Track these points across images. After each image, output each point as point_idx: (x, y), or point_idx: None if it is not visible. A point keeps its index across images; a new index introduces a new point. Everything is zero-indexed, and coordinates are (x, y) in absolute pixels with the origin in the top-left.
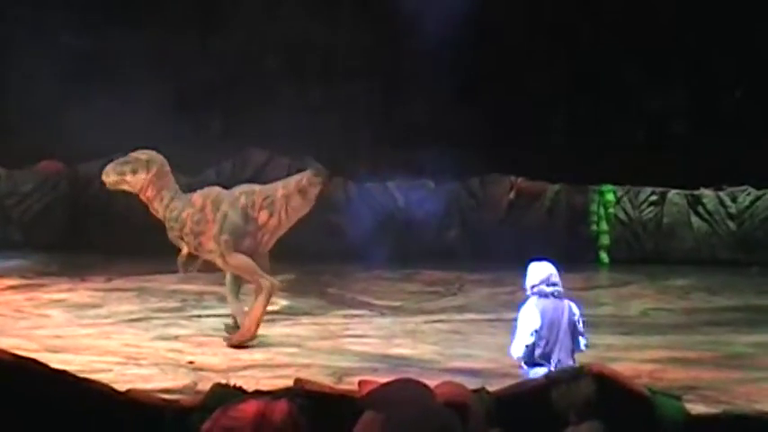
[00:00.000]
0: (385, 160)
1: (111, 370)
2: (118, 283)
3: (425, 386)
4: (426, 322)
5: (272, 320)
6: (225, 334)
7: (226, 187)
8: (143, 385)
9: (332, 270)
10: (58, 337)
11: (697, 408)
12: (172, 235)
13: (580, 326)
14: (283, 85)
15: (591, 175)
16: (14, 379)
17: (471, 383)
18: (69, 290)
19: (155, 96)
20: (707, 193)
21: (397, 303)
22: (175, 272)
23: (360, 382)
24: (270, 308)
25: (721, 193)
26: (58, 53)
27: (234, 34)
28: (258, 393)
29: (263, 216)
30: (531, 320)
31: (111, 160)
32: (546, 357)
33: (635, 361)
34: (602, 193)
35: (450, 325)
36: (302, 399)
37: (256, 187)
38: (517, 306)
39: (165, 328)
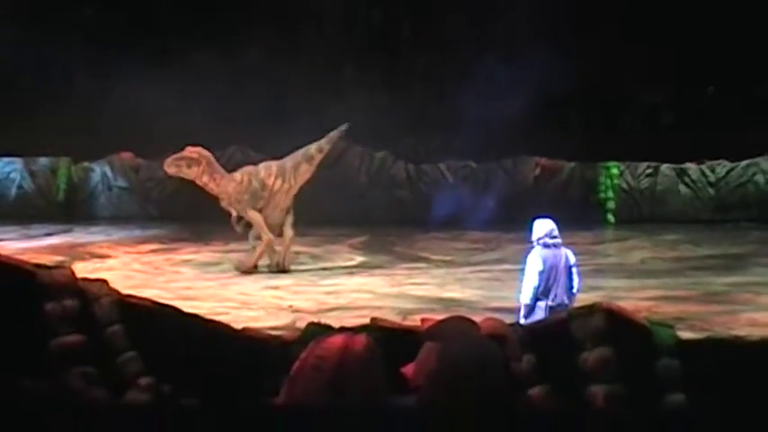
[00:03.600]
0: (437, 145)
1: (229, 313)
2: (232, 245)
3: (472, 321)
4: (472, 272)
5: (351, 273)
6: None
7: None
8: (254, 324)
9: (397, 233)
10: (188, 288)
11: (686, 334)
12: (223, 204)
13: (575, 269)
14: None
15: (599, 154)
16: (156, 321)
17: (508, 319)
18: (196, 252)
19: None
20: (691, 166)
21: (449, 258)
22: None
23: (421, 319)
24: (348, 263)
25: (702, 166)
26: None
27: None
28: (342, 329)
29: (277, 183)
30: (536, 265)
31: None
32: (546, 294)
33: (636, 299)
34: (608, 168)
35: (490, 274)
36: (377, 333)
37: (273, 163)
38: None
39: (270, 280)
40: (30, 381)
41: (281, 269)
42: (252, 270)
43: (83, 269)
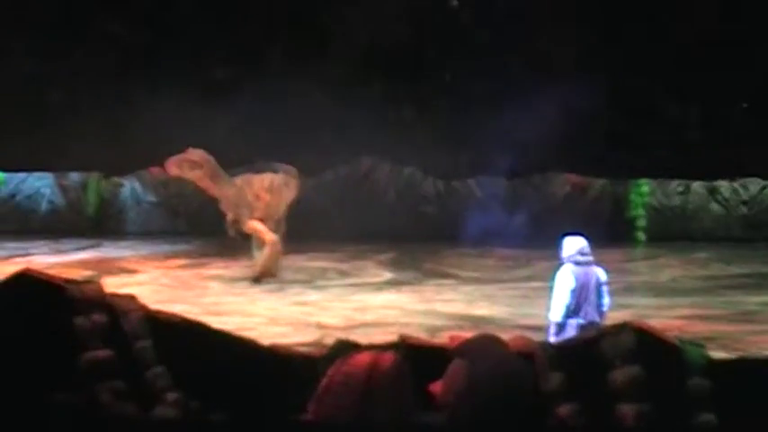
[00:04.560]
0: (465, 161)
1: (256, 329)
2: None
3: (501, 339)
4: (500, 289)
5: (379, 289)
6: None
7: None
8: (281, 340)
9: (425, 249)
10: (216, 303)
11: (717, 354)
12: (221, 207)
13: (605, 288)
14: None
15: (629, 172)
16: (185, 336)
17: (537, 337)
18: (224, 267)
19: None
20: (723, 184)
21: (477, 274)
22: (304, 252)
23: (449, 337)
24: (376, 279)
25: (735, 184)
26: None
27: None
28: (370, 346)
29: (267, 197)
30: (568, 283)
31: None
32: (576, 312)
33: (666, 318)
34: (638, 186)
35: (519, 291)
36: (405, 350)
37: (267, 176)
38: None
39: (297, 296)
40: (60, 395)
41: (267, 275)
42: (273, 274)
43: (112, 284)
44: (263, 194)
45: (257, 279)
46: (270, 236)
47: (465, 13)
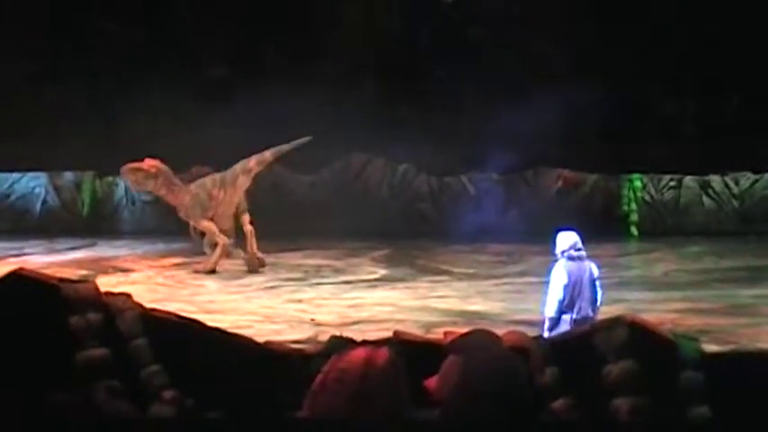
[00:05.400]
0: (458, 158)
1: (252, 327)
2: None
3: (495, 334)
4: (494, 285)
5: (374, 286)
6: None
7: None
8: (276, 338)
9: (419, 246)
10: (211, 302)
11: (710, 347)
12: (180, 215)
13: (598, 283)
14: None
15: (622, 167)
16: (180, 335)
17: (531, 332)
18: (219, 265)
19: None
20: (715, 178)
21: (471, 270)
22: (299, 250)
23: (444, 332)
24: (370, 276)
25: (726, 178)
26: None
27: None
28: (365, 343)
29: (220, 194)
30: (561, 278)
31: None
32: (571, 307)
33: (660, 311)
34: (631, 180)
35: (513, 286)
36: (399, 346)
37: (217, 175)
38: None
39: (292, 294)
40: (56, 395)
41: (258, 265)
42: (213, 271)
43: (107, 283)
44: (215, 192)
45: (203, 271)
46: (221, 239)
47: (458, 10)
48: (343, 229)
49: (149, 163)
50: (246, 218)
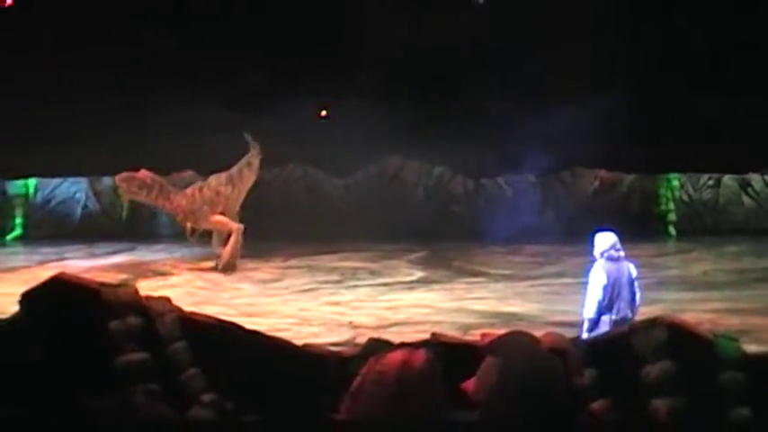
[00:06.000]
0: (494, 160)
1: (289, 329)
2: (293, 262)
3: (533, 336)
4: (531, 286)
5: (410, 288)
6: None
7: None
8: (314, 340)
9: (455, 247)
10: (249, 305)
11: (750, 347)
12: (177, 220)
13: (636, 283)
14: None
15: (659, 166)
16: (219, 338)
17: (569, 333)
18: (257, 268)
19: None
20: (754, 177)
21: (508, 272)
22: (335, 252)
23: (481, 334)
24: (407, 278)
25: (766, 177)
26: None
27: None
28: (402, 345)
29: (227, 190)
30: (600, 279)
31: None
32: (609, 307)
33: (698, 311)
34: (668, 180)
35: (550, 288)
36: (436, 348)
37: (223, 173)
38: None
39: (330, 296)
40: (96, 398)
41: (232, 266)
42: (234, 264)
43: (146, 287)
44: (222, 189)
45: (224, 269)
46: (235, 225)
47: (491, 12)
48: (379, 232)
49: (144, 173)
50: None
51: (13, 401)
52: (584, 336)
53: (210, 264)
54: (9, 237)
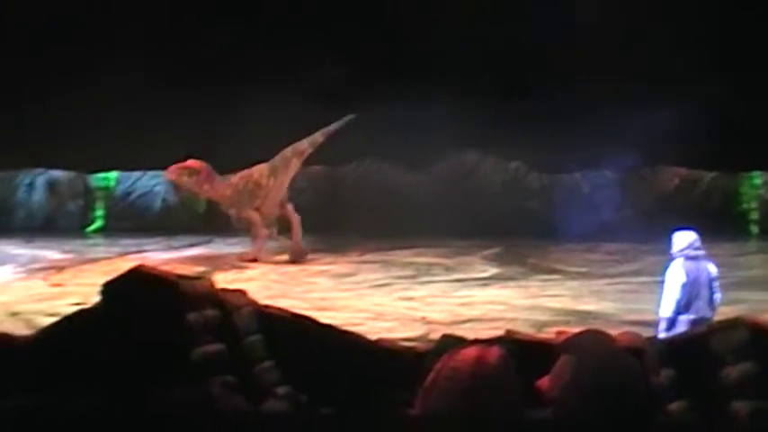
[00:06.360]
0: (571, 156)
1: (363, 324)
2: (367, 257)
3: (609, 335)
4: (608, 284)
5: (485, 284)
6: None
7: None
8: (388, 335)
9: (530, 244)
10: (324, 299)
11: None
12: (223, 207)
13: (716, 283)
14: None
15: (741, 164)
16: (293, 331)
17: (646, 333)
18: (332, 263)
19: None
20: None
21: (584, 269)
22: (409, 248)
23: (556, 332)
24: (482, 274)
25: None
26: None
27: None
28: (476, 341)
29: (269, 182)
30: (679, 278)
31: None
32: (688, 307)
33: None
34: (751, 178)
35: (627, 286)
36: (511, 345)
37: (264, 165)
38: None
39: (404, 291)
40: (174, 389)
41: (301, 255)
42: (253, 260)
43: (222, 280)
44: (264, 181)
45: (245, 260)
46: (262, 231)
47: (575, 9)
48: (453, 227)
49: (191, 162)
50: (290, 206)
51: (94, 389)
52: (662, 335)
53: (286, 257)
54: (90, 229)
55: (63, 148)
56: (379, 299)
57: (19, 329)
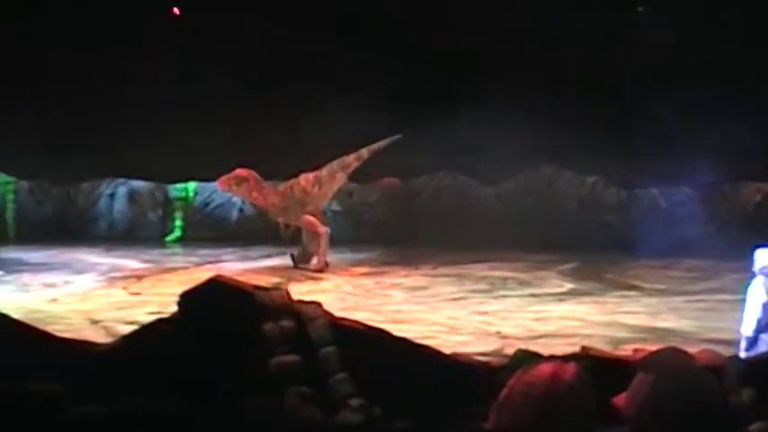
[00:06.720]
0: (650, 171)
1: (437, 337)
2: (442, 270)
3: (687, 353)
4: (687, 301)
5: (560, 300)
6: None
7: None
8: (462, 349)
9: (607, 259)
10: (398, 312)
11: None
12: (271, 215)
13: None
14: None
15: None
16: (367, 344)
17: (726, 351)
18: (406, 275)
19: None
20: None
21: (662, 286)
22: (485, 261)
23: (633, 350)
24: (557, 290)
25: None
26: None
27: None
28: (552, 357)
29: (314, 190)
30: (760, 296)
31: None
32: None
33: None
34: None
35: (706, 304)
36: (587, 362)
37: (311, 174)
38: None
39: (478, 305)
40: (252, 399)
41: (323, 268)
42: (325, 266)
43: (297, 291)
44: (310, 189)
45: (318, 270)
46: (322, 228)
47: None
48: (529, 242)
49: (239, 171)
50: (324, 219)
51: (170, 395)
52: (742, 354)
53: (361, 270)
54: (168, 238)
55: (143, 159)
56: (453, 312)
57: (99, 337)
